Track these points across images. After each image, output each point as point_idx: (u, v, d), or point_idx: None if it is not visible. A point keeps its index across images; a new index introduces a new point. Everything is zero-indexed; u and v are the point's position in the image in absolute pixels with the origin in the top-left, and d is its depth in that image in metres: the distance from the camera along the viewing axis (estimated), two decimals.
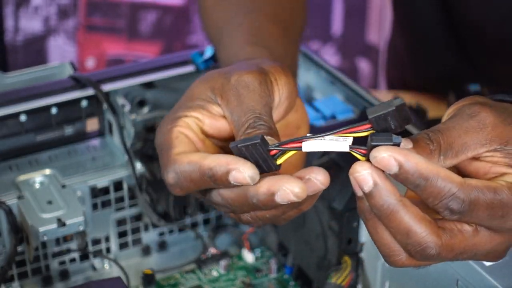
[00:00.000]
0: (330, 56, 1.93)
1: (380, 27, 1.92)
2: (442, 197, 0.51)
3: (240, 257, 0.89)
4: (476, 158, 0.54)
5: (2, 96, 0.83)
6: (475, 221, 0.52)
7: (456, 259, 0.54)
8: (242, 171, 0.52)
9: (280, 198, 0.53)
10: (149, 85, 0.87)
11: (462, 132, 0.53)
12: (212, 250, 0.89)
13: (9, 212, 0.78)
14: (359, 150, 0.53)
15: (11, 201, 0.79)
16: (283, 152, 0.54)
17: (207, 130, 0.59)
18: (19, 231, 0.79)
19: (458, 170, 0.55)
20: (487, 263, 0.63)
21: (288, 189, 0.53)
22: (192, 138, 0.58)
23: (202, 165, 0.54)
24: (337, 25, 1.94)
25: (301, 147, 0.53)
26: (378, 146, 0.51)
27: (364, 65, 1.96)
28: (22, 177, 0.81)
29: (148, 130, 0.89)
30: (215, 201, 0.58)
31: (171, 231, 0.91)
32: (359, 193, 0.53)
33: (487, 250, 0.54)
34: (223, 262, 0.87)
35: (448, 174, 0.51)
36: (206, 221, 0.92)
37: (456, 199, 0.51)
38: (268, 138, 0.54)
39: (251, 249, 0.89)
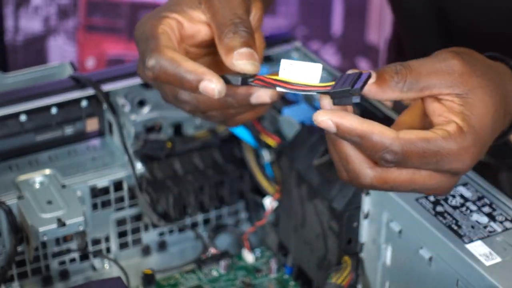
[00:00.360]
0: (330, 56, 1.93)
1: (380, 27, 1.92)
2: (377, 150, 0.56)
3: (240, 257, 0.89)
4: (437, 99, 0.59)
5: (2, 96, 0.83)
6: (411, 166, 0.58)
7: (393, 191, 0.61)
8: (214, 83, 0.59)
9: (255, 99, 0.63)
10: (149, 85, 0.87)
11: (431, 71, 0.58)
12: (212, 250, 0.89)
13: (9, 212, 0.78)
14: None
15: (11, 201, 0.78)
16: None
17: (184, 33, 0.65)
18: (19, 231, 0.78)
19: (421, 107, 0.61)
20: (487, 263, 0.63)
21: (264, 92, 0.63)
22: (172, 38, 0.63)
23: (181, 65, 0.60)
24: (337, 25, 1.94)
25: (275, 88, 0.59)
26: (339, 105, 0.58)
27: (364, 65, 1.95)
28: (22, 177, 0.81)
29: (148, 130, 0.89)
30: (183, 99, 0.65)
31: (171, 231, 0.91)
32: None
33: (427, 186, 0.59)
34: (223, 262, 0.87)
35: (382, 130, 0.56)
36: (206, 221, 0.92)
37: (390, 152, 0.56)
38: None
39: (251, 249, 0.89)
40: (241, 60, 0.60)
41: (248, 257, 0.88)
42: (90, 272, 0.87)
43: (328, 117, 0.56)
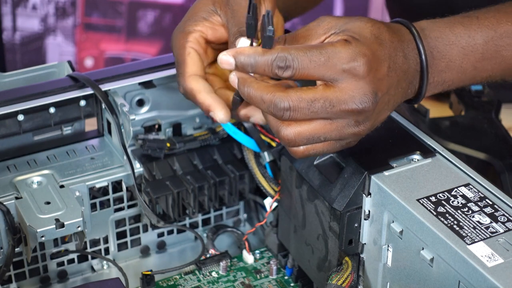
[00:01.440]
0: None
1: None
2: (269, 64, 0.66)
3: (240, 258, 0.88)
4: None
5: (0, 95, 0.82)
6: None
7: (309, 143, 0.69)
8: (217, 115, 0.75)
9: (253, 120, 0.76)
10: (148, 85, 0.87)
11: (304, 30, 0.71)
12: (212, 251, 0.88)
13: (7, 212, 0.77)
14: None
15: (9, 201, 0.78)
16: None
17: (210, 38, 0.78)
18: (17, 232, 0.78)
19: None
20: (489, 264, 0.63)
21: (259, 115, 0.76)
22: (199, 51, 0.78)
23: (196, 96, 0.76)
24: None
25: None
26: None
27: None
28: (20, 177, 0.81)
29: (147, 130, 0.88)
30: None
31: (170, 232, 0.90)
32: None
33: (338, 133, 0.68)
34: (222, 263, 0.86)
35: (265, 50, 0.67)
36: (205, 222, 0.92)
37: (280, 58, 0.66)
38: None
39: (251, 250, 0.88)
40: None
41: (248, 258, 0.88)
42: (88, 273, 0.87)
43: (225, 54, 0.68)
